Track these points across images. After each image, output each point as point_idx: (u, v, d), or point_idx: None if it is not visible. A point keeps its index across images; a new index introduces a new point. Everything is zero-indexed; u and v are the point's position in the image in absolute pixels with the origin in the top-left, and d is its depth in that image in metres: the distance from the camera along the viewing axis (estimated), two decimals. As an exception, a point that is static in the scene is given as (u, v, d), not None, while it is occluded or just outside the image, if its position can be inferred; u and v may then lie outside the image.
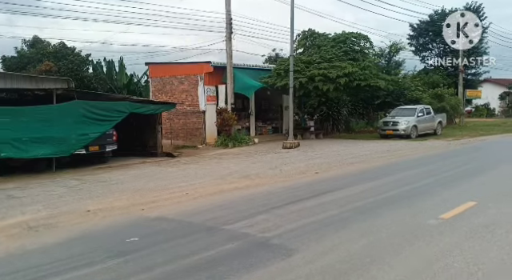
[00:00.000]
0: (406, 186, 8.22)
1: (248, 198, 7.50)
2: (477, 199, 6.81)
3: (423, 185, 8.35)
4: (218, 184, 8.95)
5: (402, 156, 12.81)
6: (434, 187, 8.00)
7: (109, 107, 14.27)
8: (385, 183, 8.60)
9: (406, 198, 7.19)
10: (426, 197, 7.19)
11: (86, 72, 28.52)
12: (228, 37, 18.61)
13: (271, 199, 7.34)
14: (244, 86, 18.82)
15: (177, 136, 20.46)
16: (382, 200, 7.04)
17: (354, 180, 9.11)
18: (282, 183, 8.88)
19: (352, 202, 6.90)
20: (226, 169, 11.66)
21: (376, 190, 7.90)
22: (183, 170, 12.41)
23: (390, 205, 6.69)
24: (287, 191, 8.03)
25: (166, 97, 20.96)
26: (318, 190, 8.09)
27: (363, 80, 18.71)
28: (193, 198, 7.72)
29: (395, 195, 7.41)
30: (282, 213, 6.28)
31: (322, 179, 9.25)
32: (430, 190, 7.74)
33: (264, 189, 8.35)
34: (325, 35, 20.80)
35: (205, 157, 15.69)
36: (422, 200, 6.95)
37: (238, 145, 17.97)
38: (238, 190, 8.38)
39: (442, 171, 9.94)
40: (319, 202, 6.99)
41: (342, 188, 8.17)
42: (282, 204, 6.90)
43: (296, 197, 7.48)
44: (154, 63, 22.23)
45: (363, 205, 6.71)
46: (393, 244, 4.71)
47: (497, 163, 11.34)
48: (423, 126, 21.01)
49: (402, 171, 10.29)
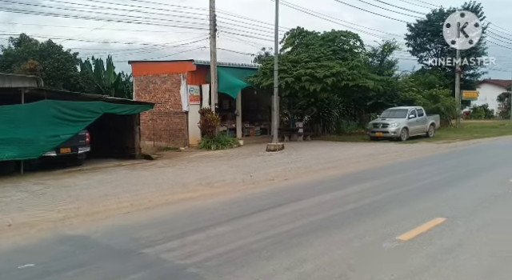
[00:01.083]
0: (370, 198, 7.39)
1: (194, 211, 6.76)
2: (447, 214, 6.09)
3: (391, 196, 7.56)
4: (175, 193, 8.27)
5: (383, 161, 12.13)
6: (403, 200, 7.24)
7: (81, 107, 13.65)
8: (348, 194, 7.78)
9: (365, 213, 6.33)
10: (389, 212, 6.37)
11: (72, 71, 27.86)
12: (212, 34, 17.97)
13: (216, 213, 6.61)
14: (228, 85, 18.18)
15: (160, 137, 19.84)
16: (337, 216, 6.19)
17: (318, 189, 8.34)
18: (242, 192, 8.17)
19: (297, 220, 6.00)
20: (198, 174, 11.03)
21: (335, 202, 7.12)
22: (156, 174, 11.79)
23: (343, 223, 5.83)
24: (241, 203, 7.28)
25: (149, 96, 20.34)
26: (274, 201, 7.32)
27: (351, 80, 18.05)
28: (136, 209, 7.03)
29: (353, 210, 6.54)
30: (220, 232, 5.56)
31: (287, 187, 8.54)
32: (395, 204, 6.93)
33: (217, 199, 7.64)
34: (314, 34, 20.15)
35: (183, 160, 15.05)
36: (382, 216, 6.12)
37: (221, 147, 17.33)
38: (191, 200, 7.66)
39: (418, 179, 9.18)
40: (265, 218, 6.17)
41: (301, 199, 7.42)
42: (226, 220, 6.17)
43: (245, 210, 6.69)
44: (137, 61, 21.61)
45: (310, 223, 5.84)
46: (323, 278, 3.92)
47: (480, 170, 10.56)
48: (414, 128, 20.34)
49: (373, 179, 9.40)
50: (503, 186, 8.23)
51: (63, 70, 26.85)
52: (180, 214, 6.67)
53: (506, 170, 10.34)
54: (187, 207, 7.16)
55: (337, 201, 7.22)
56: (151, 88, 20.23)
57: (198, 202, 7.49)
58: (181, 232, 5.55)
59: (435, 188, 8.20)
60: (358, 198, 7.35)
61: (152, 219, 6.36)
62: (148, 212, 6.90)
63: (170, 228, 5.79)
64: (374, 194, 7.69)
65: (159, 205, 7.31)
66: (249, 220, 6.10)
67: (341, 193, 7.89)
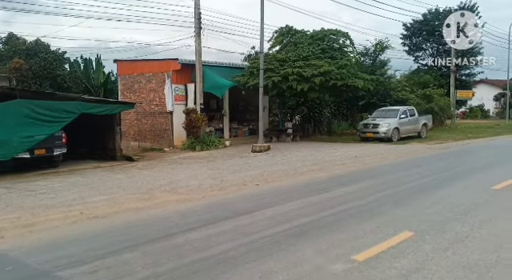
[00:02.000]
0: (339, 207, 6.74)
1: (135, 225, 6.13)
2: (417, 227, 5.48)
3: (363, 205, 6.86)
4: (133, 200, 7.70)
5: (367, 163, 11.62)
6: (375, 208, 6.60)
7: (57, 107, 13.16)
8: (315, 203, 7.09)
9: (326, 226, 5.63)
10: (355, 224, 5.71)
11: (60, 70, 27.32)
12: (197, 32, 17.47)
13: (157, 227, 5.94)
14: (214, 84, 17.67)
15: (145, 138, 19.35)
16: (290, 230, 5.52)
17: (286, 196, 7.67)
18: (205, 200, 7.60)
19: (235, 239, 5.24)
20: (172, 177, 10.58)
21: (293, 213, 6.37)
22: (130, 177, 11.32)
23: (296, 238, 5.16)
24: (192, 214, 6.61)
25: (134, 96, 19.84)
26: (223, 214, 6.53)
27: (340, 79, 17.57)
28: (85, 218, 6.50)
29: (313, 222, 5.83)
30: (156, 249, 4.95)
31: (254, 194, 7.92)
32: (365, 214, 6.28)
33: (174, 208, 7.03)
34: (303, 32, 19.66)
35: (165, 161, 14.58)
36: (346, 229, 5.49)
37: (206, 148, 16.85)
38: (144, 209, 7.06)
39: (398, 184, 8.58)
40: (211, 233, 5.48)
41: (254, 211, 6.62)
42: (164, 235, 5.49)
43: (190, 224, 5.94)
44: (122, 60, 21.10)
45: (252, 242, 5.09)
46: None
47: (465, 174, 9.82)
48: (406, 129, 19.86)
49: (348, 185, 8.70)
50: (485, 192, 7.66)
51: (50, 70, 26.33)
52: (120, 227, 6.02)
53: (491, 175, 9.74)
54: (135, 218, 6.52)
55: (297, 211, 6.48)
56: (136, 87, 19.73)
57: (152, 212, 6.88)
58: (115, 249, 4.98)
59: (413, 194, 7.65)
60: (325, 208, 6.67)
61: (91, 232, 5.78)
62: (93, 222, 6.33)
63: (99, 246, 5.13)
64: (344, 203, 7.03)
65: (110, 214, 6.76)
66: (194, 235, 5.42)
67: (307, 201, 7.22)
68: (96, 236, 5.62)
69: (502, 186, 8.12)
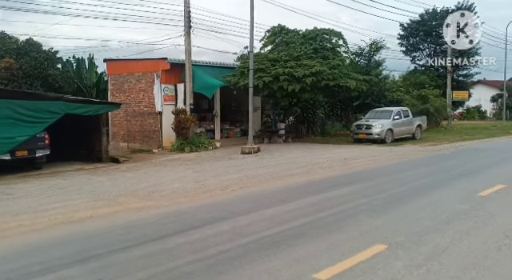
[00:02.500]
0: (313, 215, 6.21)
1: (80, 238, 5.61)
2: (391, 240, 4.98)
3: (339, 212, 6.40)
4: (90, 208, 7.28)
5: (354, 167, 11.28)
6: (350, 217, 6.07)
7: (40, 107, 12.83)
8: (283, 212, 6.53)
9: (287, 240, 5.08)
10: (325, 236, 5.19)
11: (51, 70, 26.96)
12: (186, 31, 17.15)
13: (99, 242, 5.39)
14: (204, 85, 17.36)
15: (134, 139, 19.02)
16: (248, 246, 4.92)
17: (254, 205, 7.14)
18: (168, 208, 7.08)
19: (194, 252, 4.76)
20: (154, 180, 10.27)
21: (259, 225, 5.83)
22: (112, 179, 11.01)
23: (251, 255, 4.60)
24: (139, 227, 6.05)
25: (123, 96, 19.53)
26: (190, 222, 6.09)
27: (332, 80, 17.26)
28: (35, 229, 6.11)
29: (275, 235, 5.29)
30: (92, 268, 4.45)
31: (222, 202, 7.46)
32: (339, 223, 5.77)
33: (120, 221, 6.49)
34: (295, 31, 19.34)
35: (151, 163, 14.26)
36: (313, 241, 4.97)
37: (195, 149, 16.52)
38: (101, 218, 6.61)
39: (381, 190, 8.08)
40: (150, 252, 4.91)
41: (224, 219, 6.12)
42: (106, 252, 4.95)
43: (128, 241, 5.34)
44: (111, 59, 20.78)
45: (207, 258, 4.59)
46: None
47: (452, 179, 9.28)
48: (400, 130, 19.55)
49: (326, 191, 8.20)
50: (470, 200, 7.20)
51: (41, 69, 25.98)
52: (55, 243, 5.46)
53: (479, 179, 9.32)
54: (84, 230, 6.01)
55: (260, 223, 5.91)
56: (126, 87, 19.41)
57: (106, 222, 6.39)
58: (46, 266, 4.51)
59: (393, 202, 7.16)
60: (291, 218, 6.10)
61: (22, 249, 5.25)
62: (40, 235, 5.87)
63: (29, 263, 4.65)
64: (315, 212, 6.47)
65: (63, 223, 6.34)
66: (137, 252, 4.89)
67: (276, 210, 6.64)
68: (36, 250, 5.14)
69: (489, 191, 7.72)
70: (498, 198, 7.42)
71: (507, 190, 7.94)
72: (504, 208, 6.63)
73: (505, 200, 7.24)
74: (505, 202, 7.05)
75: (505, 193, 7.76)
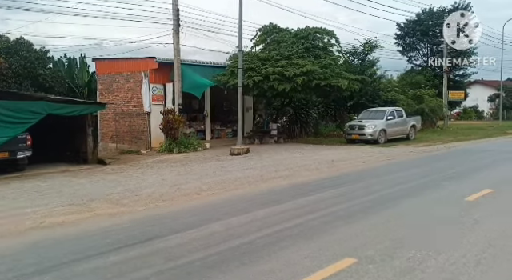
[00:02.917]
0: (277, 226, 5.67)
1: (49, 245, 5.30)
2: (362, 252, 4.50)
3: (308, 222, 5.88)
4: (60, 213, 6.93)
5: (342, 168, 10.94)
6: (319, 227, 5.56)
7: (21, 108, 12.50)
8: (257, 218, 6.13)
9: (253, 251, 4.70)
10: (286, 250, 4.70)
11: (41, 69, 26.59)
12: (175, 30, 16.80)
13: (70, 249, 5.09)
14: (193, 84, 17.00)
15: (123, 139, 18.67)
16: (211, 258, 4.56)
17: (231, 209, 6.76)
18: (143, 213, 6.78)
19: (150, 266, 4.39)
20: (135, 183, 9.97)
21: (229, 232, 5.48)
22: (93, 182, 10.72)
23: (212, 270, 4.23)
24: (105, 235, 5.66)
25: (112, 96, 19.18)
26: (158, 230, 5.68)
27: (323, 79, 16.94)
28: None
29: (242, 247, 4.88)
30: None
31: (197, 207, 7.09)
32: (311, 233, 5.29)
33: (104, 223, 6.26)
34: (287, 30, 19.01)
35: (137, 165, 13.92)
36: (270, 258, 4.47)
37: (184, 150, 16.18)
38: (67, 225, 6.25)
39: (359, 195, 7.64)
40: (113, 261, 4.58)
41: (192, 228, 5.70)
42: (76, 259, 4.66)
43: (88, 250, 4.98)
44: (100, 59, 20.42)
45: (159, 272, 4.24)
46: None
47: (441, 182, 8.95)
48: (393, 131, 19.23)
49: (306, 195, 7.78)
50: (456, 205, 6.82)
51: (31, 69, 25.63)
52: (38, 245, 5.23)
53: (468, 183, 8.93)
54: (56, 235, 5.70)
55: (230, 231, 5.52)
56: (114, 87, 19.06)
57: (78, 228, 6.07)
58: (16, 274, 4.24)
59: (373, 207, 6.73)
60: (264, 226, 5.63)
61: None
62: (8, 241, 5.56)
63: (3, 270, 4.35)
64: (288, 219, 6.00)
65: (33, 229, 6.02)
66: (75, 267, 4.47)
67: (250, 216, 6.25)
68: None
69: (476, 196, 7.36)
70: (485, 203, 7.06)
71: (494, 195, 7.58)
72: (489, 214, 6.28)
73: (491, 205, 6.88)
74: (491, 208, 6.68)
75: (492, 198, 7.40)
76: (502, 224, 5.71)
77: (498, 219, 5.98)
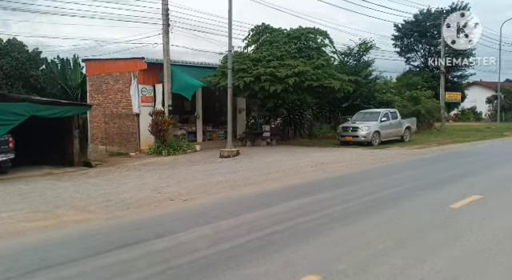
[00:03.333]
0: (240, 238, 5.21)
1: (5, 255, 4.97)
2: (328, 269, 4.11)
3: (274, 234, 5.35)
4: (29, 220, 6.58)
5: (328, 172, 10.54)
6: (284, 240, 5.07)
7: (3, 109, 12.23)
8: (222, 229, 5.68)
9: (209, 267, 4.29)
10: (244, 266, 4.26)
11: (33, 70, 26.29)
12: (165, 30, 16.51)
13: (30, 258, 4.79)
14: (183, 85, 16.69)
15: (112, 141, 18.37)
16: (164, 274, 4.18)
17: (199, 219, 6.23)
18: (112, 220, 6.42)
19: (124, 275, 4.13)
20: (116, 187, 9.65)
21: (189, 246, 5.00)
22: (75, 186, 10.45)
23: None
24: (53, 249, 5.20)
25: (102, 97, 18.88)
26: (111, 241, 5.31)
27: (315, 80, 16.63)
28: None
29: (195, 262, 4.44)
30: None
31: (168, 214, 6.69)
32: (267, 250, 4.73)
33: (68, 231, 5.93)
34: (279, 30, 18.70)
35: (123, 168, 13.61)
36: (224, 275, 4.07)
37: (173, 153, 15.86)
38: (29, 234, 5.89)
39: (337, 203, 7.06)
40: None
41: (165, 235, 5.41)
42: (36, 269, 4.39)
43: (31, 265, 4.56)
44: (90, 59, 20.13)
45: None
46: None
47: (426, 188, 8.40)
48: (387, 132, 18.90)
49: (286, 201, 7.33)
50: (440, 213, 6.31)
51: (22, 70, 25.34)
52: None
53: (456, 188, 8.31)
54: (10, 245, 5.35)
55: (191, 244, 5.07)
56: (104, 88, 18.76)
57: (39, 237, 5.70)
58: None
59: (351, 216, 6.20)
60: (226, 239, 5.19)
61: None
62: None
63: None
64: (266, 227, 5.63)
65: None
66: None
67: (214, 227, 5.77)
68: None
69: (463, 203, 6.85)
70: (470, 211, 6.56)
71: (481, 202, 7.09)
72: (473, 224, 5.74)
73: (476, 214, 6.35)
74: (475, 217, 6.15)
75: (478, 205, 6.88)
76: (485, 235, 5.25)
77: (481, 230, 5.49)
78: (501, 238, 5.14)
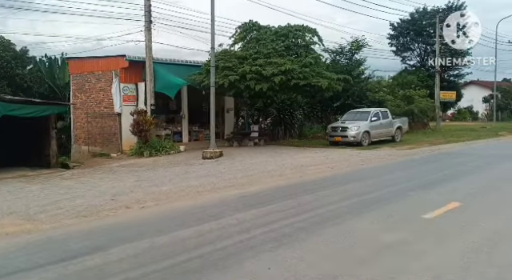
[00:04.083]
0: (182, 255, 4.60)
1: None
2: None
3: (226, 248, 4.77)
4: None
5: (305, 175, 9.99)
6: (227, 259, 4.47)
7: (-28, 109, 11.71)
8: (173, 242, 5.11)
9: None
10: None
11: (19, 69, 25.77)
12: (147, 26, 16.01)
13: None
14: (167, 84, 16.18)
15: (95, 142, 17.86)
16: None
17: (147, 230, 5.73)
18: (50, 231, 5.84)
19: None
20: (85, 191, 9.15)
21: (128, 262, 4.48)
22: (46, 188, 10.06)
23: None
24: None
25: (84, 96, 18.37)
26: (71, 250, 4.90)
27: (302, 79, 16.12)
28: None
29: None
30: None
31: (117, 224, 6.19)
32: (214, 266, 4.26)
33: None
34: (267, 28, 18.19)
35: (100, 169, 13.12)
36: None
37: (155, 154, 15.34)
38: None
39: (301, 211, 6.40)
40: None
41: (101, 249, 4.86)
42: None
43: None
44: (72, 58, 19.64)
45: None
46: None
47: (402, 194, 7.73)
48: (378, 132, 18.40)
49: (248, 209, 6.67)
50: (411, 224, 5.71)
51: (8, 68, 24.84)
52: None
53: (434, 194, 7.63)
54: None
55: (130, 260, 4.52)
56: (87, 87, 18.23)
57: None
58: None
59: (306, 229, 5.49)
60: (174, 253, 4.66)
61: None
62: None
63: None
64: (210, 242, 5.00)
65: None
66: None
67: (165, 240, 5.19)
68: None
69: (439, 212, 6.19)
70: (445, 221, 5.89)
71: (459, 210, 6.46)
72: (444, 238, 5.13)
73: (450, 225, 5.68)
74: (448, 229, 5.50)
75: (454, 215, 6.21)
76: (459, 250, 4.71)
77: (454, 245, 4.89)
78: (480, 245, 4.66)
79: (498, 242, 4.98)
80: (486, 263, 4.29)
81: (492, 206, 6.93)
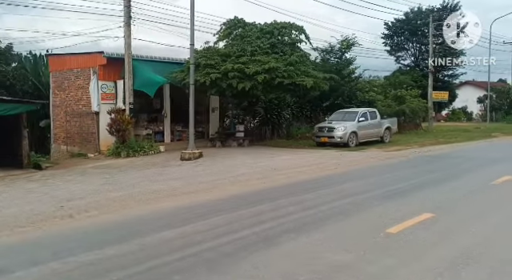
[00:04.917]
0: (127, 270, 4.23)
1: None
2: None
3: (162, 266, 4.34)
4: None
5: (275, 180, 9.29)
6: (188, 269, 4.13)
7: None
8: (101, 259, 4.59)
9: None
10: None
11: (2, 66, 25.11)
12: (126, 22, 15.44)
13: None
14: (146, 81, 15.62)
15: (73, 141, 17.28)
16: None
17: (79, 245, 5.13)
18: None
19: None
20: (43, 195, 8.61)
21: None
22: (7, 191, 9.41)
23: None
24: None
25: (64, 94, 17.80)
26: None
27: (287, 77, 15.60)
28: None
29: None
30: None
31: (39, 239, 5.56)
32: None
33: None
34: (253, 25, 17.64)
35: (72, 171, 12.58)
36: None
37: (133, 154, 14.79)
38: None
39: (252, 224, 5.77)
40: None
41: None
42: None
43: None
44: (53, 54, 19.04)
45: None
46: None
47: (371, 203, 7.02)
48: (366, 133, 17.89)
49: (201, 219, 6.13)
50: (372, 238, 5.09)
51: (-12, 65, 24.20)
52: None
53: (405, 205, 6.87)
54: None
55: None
56: (66, 85, 17.65)
57: None
58: None
59: (256, 243, 4.97)
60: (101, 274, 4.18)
61: None
62: None
63: None
64: (152, 258, 4.55)
65: None
66: None
67: (91, 258, 4.63)
68: None
69: (405, 225, 5.54)
70: (410, 236, 5.21)
71: (431, 222, 5.82)
72: (409, 257, 4.52)
73: (417, 240, 5.06)
74: (414, 244, 4.89)
75: (425, 227, 5.56)
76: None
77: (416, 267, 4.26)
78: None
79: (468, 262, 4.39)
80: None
81: (465, 219, 6.21)
